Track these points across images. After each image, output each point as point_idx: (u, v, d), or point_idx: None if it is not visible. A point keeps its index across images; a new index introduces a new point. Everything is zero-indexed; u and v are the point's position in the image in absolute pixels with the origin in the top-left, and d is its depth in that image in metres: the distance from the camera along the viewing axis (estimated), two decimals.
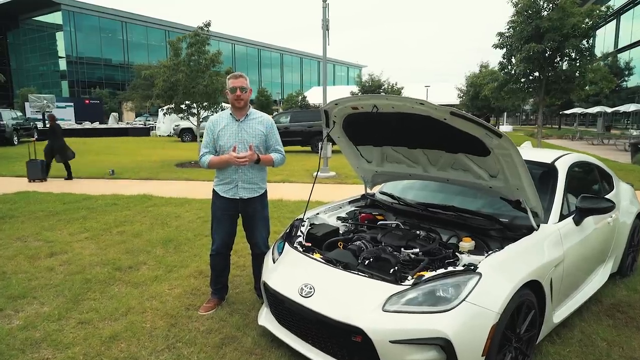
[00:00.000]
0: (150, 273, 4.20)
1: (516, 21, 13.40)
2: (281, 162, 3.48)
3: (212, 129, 3.37)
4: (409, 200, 3.53)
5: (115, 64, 58.45)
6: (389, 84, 36.36)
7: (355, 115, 2.97)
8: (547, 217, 2.90)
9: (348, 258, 2.72)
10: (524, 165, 2.53)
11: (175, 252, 4.85)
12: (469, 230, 2.93)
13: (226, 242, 3.47)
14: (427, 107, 2.44)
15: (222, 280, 3.55)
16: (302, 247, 2.95)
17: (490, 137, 2.45)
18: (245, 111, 3.39)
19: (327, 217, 3.52)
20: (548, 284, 2.62)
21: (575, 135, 28.54)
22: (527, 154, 3.68)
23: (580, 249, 3.06)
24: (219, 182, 3.42)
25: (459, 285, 2.22)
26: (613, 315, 3.39)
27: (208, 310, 3.38)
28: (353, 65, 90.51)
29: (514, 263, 2.45)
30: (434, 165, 3.08)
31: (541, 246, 2.67)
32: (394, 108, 2.63)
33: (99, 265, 4.41)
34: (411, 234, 2.99)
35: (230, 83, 3.32)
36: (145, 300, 3.58)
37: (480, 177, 2.86)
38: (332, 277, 2.51)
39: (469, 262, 2.54)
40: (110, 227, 5.93)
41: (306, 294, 2.45)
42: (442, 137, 2.70)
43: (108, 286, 3.89)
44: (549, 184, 3.18)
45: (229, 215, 3.42)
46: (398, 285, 2.32)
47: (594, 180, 3.90)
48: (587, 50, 12.99)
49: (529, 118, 63.28)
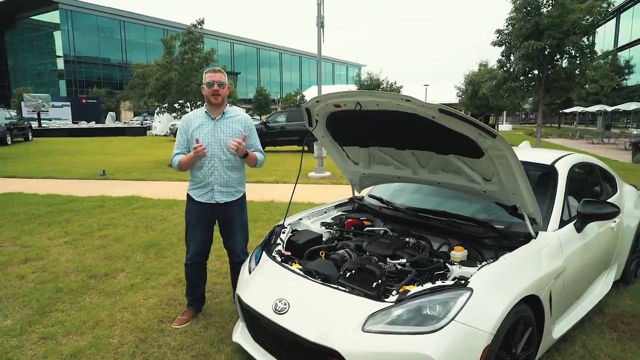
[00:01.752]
0: (127, 281, 3.97)
1: (515, 18, 13.15)
2: (262, 163, 3.26)
3: (185, 128, 3.14)
4: (398, 204, 3.30)
5: (113, 63, 58.16)
6: (388, 83, 36.11)
7: (338, 114, 2.73)
8: (546, 223, 2.67)
9: (329, 269, 2.49)
10: (521, 168, 2.30)
11: (156, 258, 4.61)
12: (462, 238, 2.70)
13: (202, 251, 3.24)
14: (414, 104, 2.21)
15: (198, 291, 3.32)
16: (281, 257, 2.72)
17: (484, 137, 2.22)
18: (222, 109, 3.16)
19: (311, 222, 3.28)
20: (547, 297, 2.39)
21: (575, 134, 28.32)
22: (525, 154, 3.45)
23: (581, 257, 2.83)
24: (193, 185, 3.19)
25: (448, 302, 1.99)
26: (617, 327, 3.15)
27: (182, 323, 3.15)
28: (352, 65, 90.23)
29: (509, 276, 2.21)
30: (423, 167, 2.85)
31: (540, 256, 2.44)
32: (379, 105, 2.40)
33: (74, 273, 4.17)
34: (399, 242, 2.76)
35: (207, 77, 3.09)
36: (117, 312, 3.35)
37: (474, 180, 2.63)
38: (309, 291, 2.28)
39: (460, 274, 2.31)
40: (93, 231, 5.70)
41: (280, 311, 2.22)
42: (431, 137, 2.47)
43: (79, 296, 3.66)
44: (548, 187, 2.95)
45: (204, 221, 3.19)
46: (380, 301, 2.09)
47: (597, 183, 3.67)
48: (587, 48, 12.75)
49: (528, 117, 63.06)
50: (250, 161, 3.17)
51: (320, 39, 10.67)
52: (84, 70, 54.94)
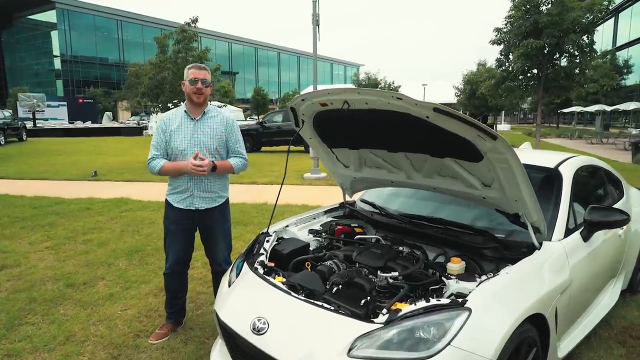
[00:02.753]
0: (106, 290, 3.75)
1: (514, 16, 12.93)
2: (242, 168, 3.04)
3: (163, 128, 2.93)
4: (392, 210, 3.08)
5: (110, 62, 57.78)
6: (386, 83, 35.91)
7: (325, 113, 2.52)
8: (551, 232, 2.46)
9: (314, 283, 2.27)
10: (524, 173, 2.09)
11: (139, 265, 4.40)
12: (459, 248, 2.48)
13: (181, 260, 3.03)
14: (406, 102, 2.00)
15: (178, 302, 3.10)
16: (263, 268, 2.51)
17: (483, 139, 2.01)
18: (203, 108, 2.95)
19: (298, 230, 3.06)
20: (553, 314, 2.18)
21: (574, 134, 28.14)
22: (527, 156, 3.24)
23: (588, 267, 2.62)
24: (171, 190, 2.98)
25: (443, 324, 1.78)
26: (625, 341, 2.95)
27: (160, 338, 2.93)
28: (350, 64, 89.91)
29: (512, 293, 2.00)
30: (418, 171, 2.64)
31: (545, 270, 2.24)
32: (368, 104, 2.18)
33: (51, 281, 3.96)
34: (392, 252, 2.54)
35: (190, 73, 2.87)
36: (91, 325, 3.13)
37: (472, 185, 2.42)
38: (291, 309, 2.07)
39: (458, 290, 2.10)
40: (77, 235, 5.48)
41: (259, 331, 2.01)
42: (425, 138, 2.26)
43: (53, 307, 3.44)
44: (552, 192, 2.74)
45: (184, 228, 2.98)
46: (369, 322, 1.87)
47: (602, 186, 3.46)
48: (587, 47, 12.53)
49: (526, 117, 62.87)
50: (224, 171, 2.96)
51: (315, 37, 10.45)
52: (81, 69, 54.55)
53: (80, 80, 53.62)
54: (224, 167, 2.94)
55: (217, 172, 2.89)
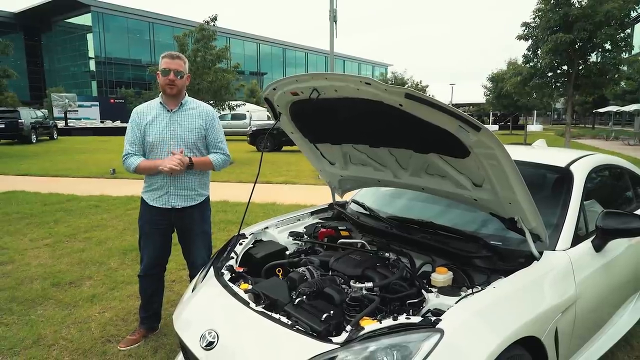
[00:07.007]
0: (90, 291, 3.63)
1: (542, 9, 12.27)
2: (224, 164, 2.83)
3: (137, 122, 2.75)
4: (382, 212, 2.80)
5: (143, 64, 59.15)
6: (413, 82, 35.20)
7: (299, 104, 2.28)
8: (555, 240, 2.14)
9: (280, 292, 2.03)
10: (516, 171, 1.79)
11: (131, 264, 4.26)
12: (448, 256, 2.19)
13: (156, 262, 2.85)
14: (374, 87, 1.73)
15: (152, 307, 2.92)
16: (231, 274, 2.28)
17: (466, 130, 1.72)
18: (179, 99, 2.76)
19: (278, 232, 2.82)
20: (551, 337, 1.86)
21: (610, 135, 26.79)
22: (537, 154, 2.92)
23: (601, 281, 2.29)
24: (147, 187, 2.80)
25: (407, 347, 1.51)
26: None
27: (130, 344, 2.76)
28: (378, 64, 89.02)
29: (499, 311, 1.71)
30: (404, 169, 2.36)
31: (542, 284, 1.92)
32: (337, 91, 1.93)
33: (39, 279, 3.87)
34: (373, 259, 2.28)
35: (163, 63, 2.69)
36: (64, 328, 2.99)
37: (462, 185, 2.12)
38: (245, 322, 1.83)
39: (436, 306, 1.82)
40: (78, 233, 5.43)
41: (207, 345, 1.78)
42: (406, 131, 1.99)
43: (32, 307, 3.33)
44: (560, 194, 2.40)
45: (159, 229, 2.80)
46: (325, 341, 1.62)
47: (625, 189, 3.08)
48: (622, 41, 11.76)
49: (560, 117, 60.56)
50: (202, 168, 2.76)
51: (332, 33, 10.21)
52: (114, 71, 56.14)
53: (113, 81, 55.17)
54: (202, 163, 2.74)
55: (194, 168, 2.70)
